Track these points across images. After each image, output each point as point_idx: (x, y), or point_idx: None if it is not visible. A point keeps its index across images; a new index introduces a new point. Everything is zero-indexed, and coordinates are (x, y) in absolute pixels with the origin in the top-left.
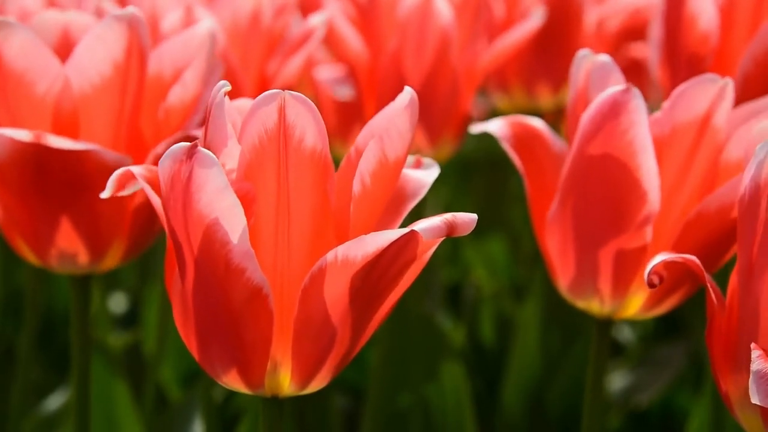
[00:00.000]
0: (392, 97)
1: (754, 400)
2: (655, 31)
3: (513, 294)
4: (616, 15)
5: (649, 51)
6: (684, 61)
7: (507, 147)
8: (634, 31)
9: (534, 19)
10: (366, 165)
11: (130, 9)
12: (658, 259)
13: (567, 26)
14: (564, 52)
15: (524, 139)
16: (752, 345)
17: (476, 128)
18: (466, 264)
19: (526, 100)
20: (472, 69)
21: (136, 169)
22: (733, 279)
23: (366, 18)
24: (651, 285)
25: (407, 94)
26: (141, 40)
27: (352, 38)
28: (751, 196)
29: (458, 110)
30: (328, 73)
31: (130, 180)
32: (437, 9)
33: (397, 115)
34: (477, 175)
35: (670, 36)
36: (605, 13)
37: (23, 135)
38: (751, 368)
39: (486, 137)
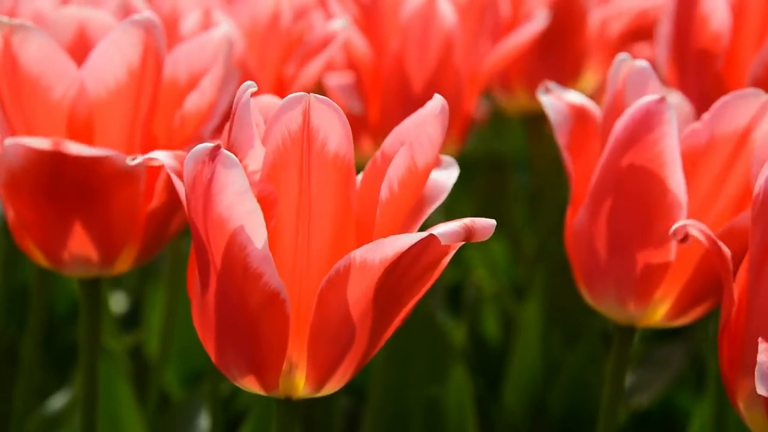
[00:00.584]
0: (396, 99)
1: (761, 391)
2: (664, 30)
3: (514, 294)
4: (619, 16)
5: (658, 50)
6: (694, 61)
7: (558, 127)
8: (638, 32)
9: (537, 21)
10: (395, 171)
11: (147, 14)
12: (686, 222)
13: (571, 27)
14: (567, 54)
15: (578, 118)
16: (760, 339)
17: (543, 99)
18: (467, 264)
19: (528, 100)
20: (475, 71)
21: (168, 164)
22: (741, 278)
23: (369, 19)
24: (676, 236)
25: (438, 101)
26: (157, 45)
27: (357, 40)
28: (765, 196)
29: (461, 112)
30: (337, 80)
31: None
32: (440, 10)
33: (428, 122)
34: (477, 175)
35: (680, 35)
36: (609, 15)
37: (42, 143)
38: (758, 359)
39: (486, 137)
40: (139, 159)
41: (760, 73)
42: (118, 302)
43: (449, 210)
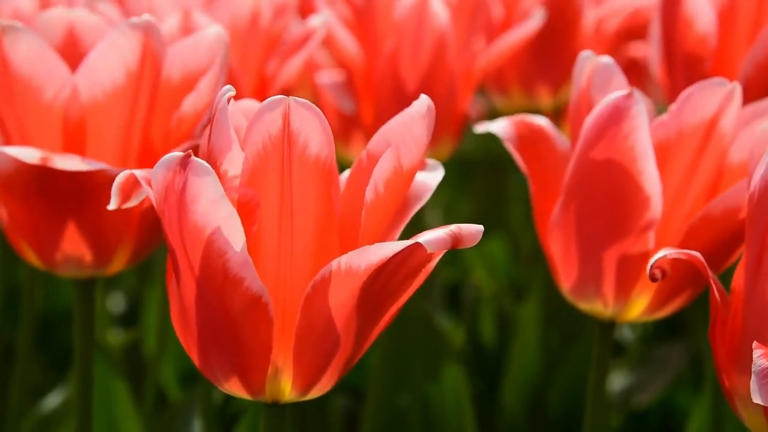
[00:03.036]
0: (389, 99)
1: (756, 399)
2: (655, 30)
3: (513, 294)
4: (615, 15)
5: (650, 50)
6: (683, 62)
7: (510, 147)
8: (633, 31)
9: (533, 21)
10: (381, 173)
11: (147, 16)
12: (662, 253)
13: (566, 27)
14: (563, 53)
15: (528, 139)
16: (754, 344)
17: (480, 128)
18: (466, 264)
19: (525, 100)
20: (469, 70)
21: (139, 173)
22: (738, 276)
23: (362, 20)
24: (653, 279)
25: (424, 101)
26: (156, 47)
27: (348, 41)
28: (761, 194)
29: (456, 111)
30: (329, 77)
31: (134, 187)
32: (433, 10)
33: (414, 122)
34: (477, 175)
35: (668, 37)
36: (604, 14)
37: (29, 157)
38: (752, 368)
39: (486, 137)
40: (115, 187)
41: (751, 72)
42: (116, 302)
43: (448, 210)
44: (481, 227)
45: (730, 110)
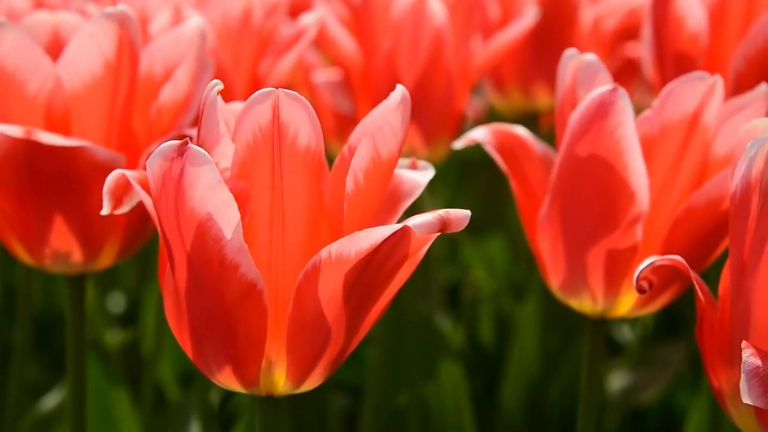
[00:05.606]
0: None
1: (746, 399)
2: (647, 31)
3: (512, 294)
4: (611, 14)
5: (642, 51)
6: (674, 61)
7: (493, 154)
8: (630, 30)
9: (527, 18)
10: (359, 163)
11: (121, 7)
12: (646, 263)
13: (563, 26)
14: (560, 52)
15: (507, 145)
16: (743, 343)
17: (458, 144)
18: (465, 264)
19: (523, 99)
20: (466, 68)
21: (130, 173)
22: (725, 275)
23: (359, 19)
24: (641, 291)
25: (399, 91)
26: (132, 37)
27: (345, 40)
28: (743, 193)
29: (453, 110)
30: (325, 76)
31: (126, 190)
32: (431, 9)
33: (390, 112)
34: (476, 175)
35: (659, 37)
36: (601, 13)
37: (14, 131)
38: (741, 368)
39: None
40: (106, 190)
41: (742, 68)
42: (115, 301)
43: None
44: (468, 212)
45: (713, 104)
